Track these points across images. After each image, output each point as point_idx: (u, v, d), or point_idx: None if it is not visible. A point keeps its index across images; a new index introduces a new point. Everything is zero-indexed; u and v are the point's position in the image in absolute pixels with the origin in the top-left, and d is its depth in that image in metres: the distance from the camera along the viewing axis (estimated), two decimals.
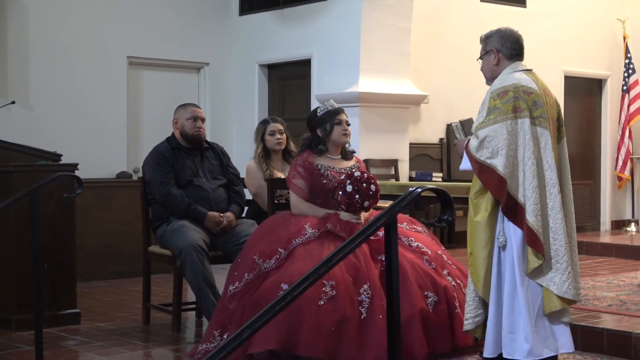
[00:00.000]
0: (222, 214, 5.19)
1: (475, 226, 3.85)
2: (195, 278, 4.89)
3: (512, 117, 3.80)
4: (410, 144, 8.61)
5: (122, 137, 8.44)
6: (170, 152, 5.25)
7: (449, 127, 9.30)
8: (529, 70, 4.01)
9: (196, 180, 5.24)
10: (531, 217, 3.77)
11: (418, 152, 9.01)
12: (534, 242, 3.77)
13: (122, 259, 7.51)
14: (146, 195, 5.33)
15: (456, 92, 9.27)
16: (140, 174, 5.49)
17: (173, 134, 5.37)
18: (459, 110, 9.14)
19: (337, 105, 4.79)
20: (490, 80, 4.04)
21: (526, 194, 3.78)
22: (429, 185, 2.50)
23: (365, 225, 2.45)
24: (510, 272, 3.83)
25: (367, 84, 8.06)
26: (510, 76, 3.92)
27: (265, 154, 5.56)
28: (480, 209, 3.85)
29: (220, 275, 5.09)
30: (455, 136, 4.16)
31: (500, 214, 3.83)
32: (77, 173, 5.01)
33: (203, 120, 5.36)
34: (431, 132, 9.28)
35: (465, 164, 3.90)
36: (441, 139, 9.36)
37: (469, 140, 3.90)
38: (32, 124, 7.87)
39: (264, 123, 5.68)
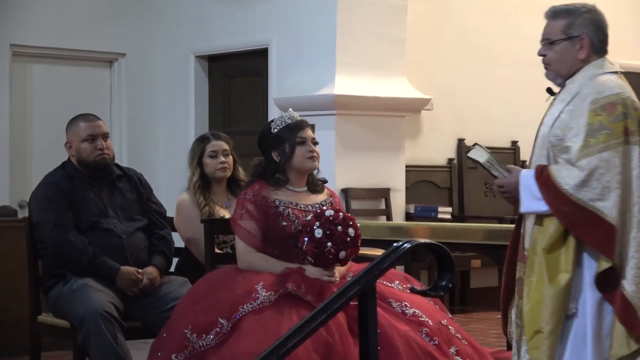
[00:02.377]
0: (140, 270, 5.17)
1: (549, 294, 3.69)
2: (104, 357, 4.86)
3: (623, 141, 3.69)
4: (407, 166, 8.64)
5: (3, 158, 8.38)
6: (67, 183, 5.22)
7: (460, 143, 9.33)
8: (617, 73, 3.88)
9: (104, 221, 5.22)
10: (630, 286, 3.67)
11: (418, 177, 9.03)
12: (631, 321, 3.67)
13: (7, 328, 7.41)
14: (34, 244, 5.29)
15: (470, 94, 9.30)
16: (27, 212, 5.47)
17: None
18: (473, 120, 9.19)
19: (298, 117, 4.80)
20: (561, 78, 3.88)
21: (626, 253, 3.69)
22: (422, 239, 2.52)
23: (335, 294, 2.45)
24: None
25: (345, 83, 8.09)
26: (609, 81, 3.79)
27: (203, 184, 5.57)
28: (559, 269, 3.70)
29: (140, 353, 5.05)
30: (492, 174, 3.92)
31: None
32: None
33: (106, 136, 5.30)
34: (436, 149, 9.31)
35: (534, 205, 3.74)
36: (450, 160, 9.40)
37: (548, 171, 3.71)
38: None
39: (202, 140, 5.69)
